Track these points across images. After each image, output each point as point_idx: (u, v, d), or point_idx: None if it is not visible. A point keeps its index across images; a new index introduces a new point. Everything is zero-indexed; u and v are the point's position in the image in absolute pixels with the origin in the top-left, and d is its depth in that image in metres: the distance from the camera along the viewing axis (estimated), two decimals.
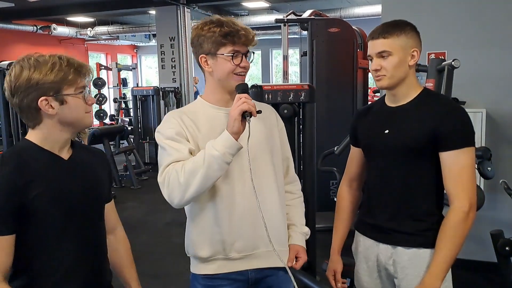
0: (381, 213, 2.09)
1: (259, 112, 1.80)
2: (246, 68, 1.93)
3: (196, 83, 14.65)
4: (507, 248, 3.17)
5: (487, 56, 4.07)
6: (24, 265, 1.64)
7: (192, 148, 1.88)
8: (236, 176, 1.93)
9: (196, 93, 12.35)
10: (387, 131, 2.05)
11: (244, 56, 1.90)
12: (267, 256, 1.98)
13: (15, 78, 1.60)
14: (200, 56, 1.93)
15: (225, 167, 1.80)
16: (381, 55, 1.98)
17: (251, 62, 1.95)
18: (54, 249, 1.67)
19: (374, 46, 2.00)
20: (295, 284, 1.84)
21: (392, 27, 1.98)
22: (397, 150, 2.02)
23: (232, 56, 1.87)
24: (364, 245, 2.19)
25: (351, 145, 2.33)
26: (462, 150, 1.91)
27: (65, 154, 1.74)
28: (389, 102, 2.11)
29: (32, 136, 1.71)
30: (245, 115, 1.77)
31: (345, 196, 2.34)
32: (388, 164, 2.07)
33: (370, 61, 2.06)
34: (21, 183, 1.58)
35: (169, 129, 1.90)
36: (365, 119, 2.22)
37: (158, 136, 1.93)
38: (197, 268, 2.03)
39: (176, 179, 1.79)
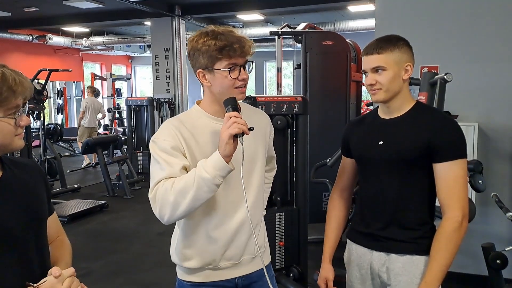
0: (374, 222, 2.11)
1: (251, 129, 1.75)
2: (245, 80, 1.87)
3: None
4: (498, 261, 3.17)
5: (479, 70, 4.11)
6: None
7: (186, 164, 1.84)
8: (231, 190, 1.91)
9: None
10: (381, 142, 2.07)
11: (242, 68, 1.85)
12: (252, 261, 2.03)
13: None
14: (197, 71, 1.88)
15: (215, 189, 1.77)
16: (376, 70, 2.00)
17: (250, 72, 1.91)
18: None
19: (369, 62, 2.02)
20: (270, 285, 1.88)
21: (386, 43, 2.01)
22: (392, 161, 2.05)
23: (229, 70, 1.82)
24: (357, 253, 2.20)
25: (342, 156, 2.35)
26: (455, 162, 1.95)
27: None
28: (382, 114, 2.14)
29: None
30: (237, 136, 1.73)
31: (336, 206, 2.35)
32: (382, 174, 2.09)
33: (364, 75, 2.08)
34: None
35: (164, 141, 1.84)
36: (358, 130, 2.24)
37: (152, 146, 1.87)
38: (184, 276, 2.03)
39: (166, 197, 1.76)
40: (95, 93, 12.16)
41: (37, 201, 1.66)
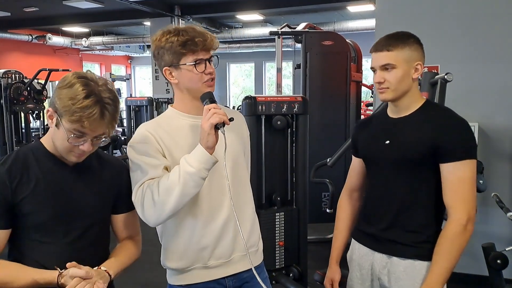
0: (377, 222, 2.08)
1: (231, 119, 1.75)
2: (212, 74, 1.87)
3: None
4: (498, 261, 3.17)
5: (480, 70, 4.11)
6: (17, 256, 1.71)
7: (167, 164, 1.83)
8: (215, 187, 1.90)
9: None
10: (387, 142, 2.04)
11: (208, 62, 1.85)
12: (243, 259, 1.99)
13: None
14: (164, 69, 1.88)
15: (201, 183, 1.76)
16: (385, 67, 1.96)
17: (216, 66, 1.90)
18: (38, 247, 1.71)
19: (378, 59, 1.98)
20: (263, 285, 1.85)
21: (396, 39, 1.96)
22: (397, 161, 2.01)
23: (194, 64, 1.82)
24: (359, 253, 2.18)
25: (352, 156, 2.31)
26: (462, 162, 1.89)
27: (71, 161, 1.74)
28: (391, 113, 2.10)
29: (44, 138, 1.76)
30: (218, 126, 1.73)
31: (345, 206, 2.33)
32: (387, 174, 2.06)
33: (373, 73, 2.03)
34: (13, 184, 1.64)
35: (143, 144, 1.84)
36: (366, 129, 2.22)
37: (130, 151, 1.86)
38: (174, 279, 2.01)
39: (151, 198, 1.76)
40: None
41: (100, 192, 1.83)
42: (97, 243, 1.85)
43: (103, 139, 1.70)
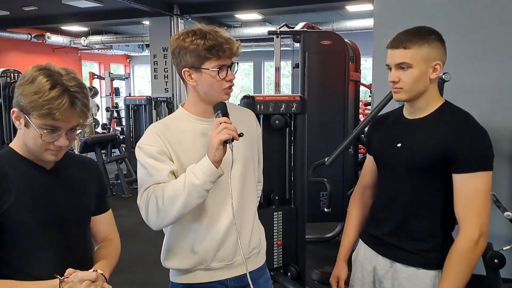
0: (383, 226, 2.03)
1: (240, 135, 1.75)
2: (232, 81, 1.87)
3: None
4: (496, 260, 3.16)
5: (479, 70, 4.11)
6: (4, 271, 1.61)
7: (174, 169, 1.84)
8: (221, 193, 1.90)
9: None
10: (399, 145, 1.95)
11: (229, 69, 1.84)
12: (246, 262, 1.97)
13: None
14: (183, 70, 1.85)
15: (205, 194, 1.77)
16: (401, 66, 1.85)
17: (235, 73, 1.89)
18: (29, 258, 1.63)
19: (394, 56, 1.87)
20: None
21: (414, 36, 1.84)
22: (407, 166, 1.92)
23: (217, 70, 1.80)
24: (364, 254, 2.14)
25: (367, 153, 2.24)
26: (476, 174, 1.78)
27: (48, 164, 1.69)
28: (406, 113, 2.01)
29: (13, 143, 1.68)
30: (227, 141, 1.73)
31: (356, 204, 2.26)
32: (396, 178, 1.98)
33: (388, 70, 1.93)
34: None
35: (151, 146, 1.84)
36: (380, 128, 2.13)
37: (138, 152, 1.86)
38: (176, 278, 2.03)
39: (155, 204, 1.77)
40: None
41: (78, 196, 1.77)
42: (84, 246, 1.82)
43: (78, 131, 1.64)
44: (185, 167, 1.81)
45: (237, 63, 1.90)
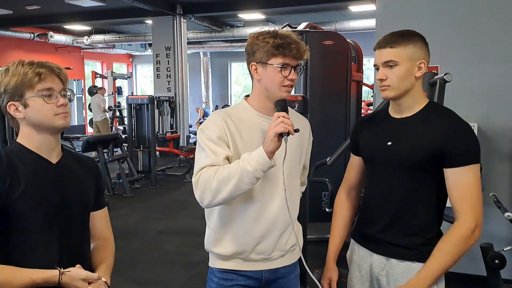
0: (376, 223, 2.06)
1: (296, 131, 1.83)
2: (294, 81, 1.95)
3: (200, 118, 14.97)
4: (496, 261, 3.17)
5: (479, 70, 4.12)
6: (5, 261, 1.65)
7: (229, 155, 1.93)
8: (270, 186, 1.99)
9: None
10: (389, 143, 2.01)
11: (293, 69, 1.93)
12: (282, 257, 2.11)
13: None
14: (251, 64, 1.97)
15: (255, 182, 1.85)
16: (388, 64, 1.94)
17: (299, 75, 1.98)
18: (32, 250, 1.69)
19: (381, 55, 1.97)
20: (319, 285, 2.05)
21: (399, 37, 1.96)
22: (399, 163, 1.98)
23: (281, 67, 1.90)
24: (358, 254, 2.17)
25: (351, 153, 2.29)
26: (468, 167, 1.87)
27: (54, 158, 1.79)
28: (393, 113, 2.08)
29: (20, 139, 1.76)
30: (282, 134, 1.80)
31: (342, 204, 2.30)
32: (388, 176, 2.03)
33: (376, 70, 2.03)
34: (5, 186, 1.64)
35: (212, 130, 1.95)
36: (368, 129, 2.18)
37: (200, 134, 1.98)
38: (215, 263, 2.11)
39: (208, 183, 1.86)
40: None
41: (84, 191, 1.88)
42: (84, 241, 1.89)
43: (68, 93, 1.76)
44: (240, 155, 1.90)
45: (303, 66, 2.03)
